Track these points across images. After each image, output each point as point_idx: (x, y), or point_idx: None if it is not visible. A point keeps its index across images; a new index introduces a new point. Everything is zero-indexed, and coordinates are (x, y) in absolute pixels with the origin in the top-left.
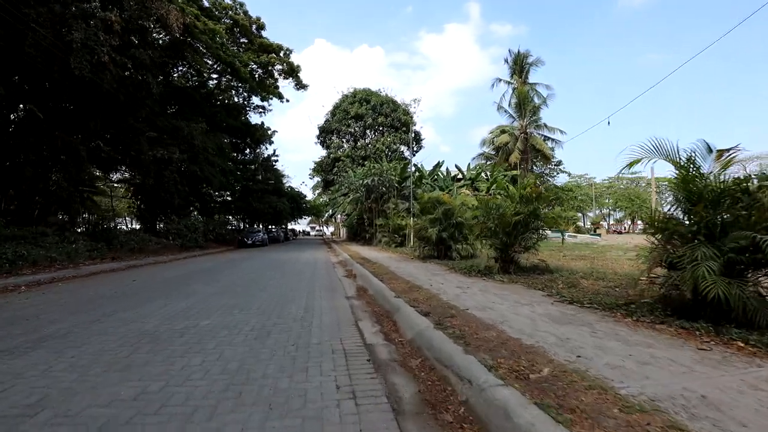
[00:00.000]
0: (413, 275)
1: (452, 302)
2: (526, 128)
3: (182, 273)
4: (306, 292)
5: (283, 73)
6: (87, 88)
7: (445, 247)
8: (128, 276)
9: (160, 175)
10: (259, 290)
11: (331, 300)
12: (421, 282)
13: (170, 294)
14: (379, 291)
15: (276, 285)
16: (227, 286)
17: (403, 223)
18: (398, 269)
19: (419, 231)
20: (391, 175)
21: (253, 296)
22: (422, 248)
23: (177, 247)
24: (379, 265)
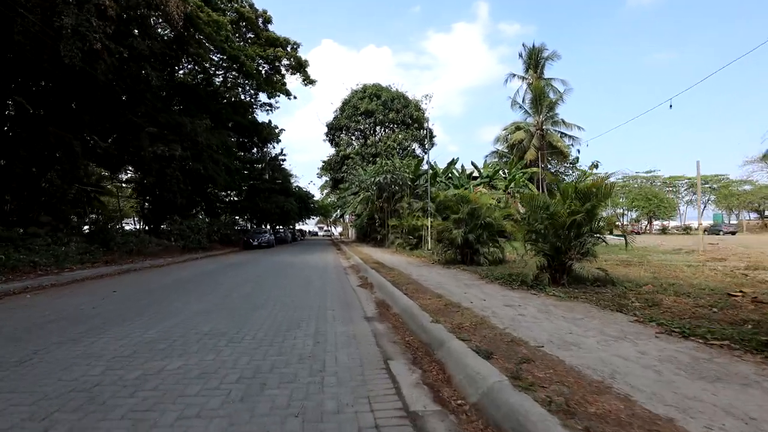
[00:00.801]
0: (442, 286)
1: (513, 332)
2: (542, 125)
3: (174, 280)
4: (315, 310)
5: (291, 69)
6: (80, 79)
7: (471, 250)
8: (112, 285)
9: (162, 173)
10: (258, 307)
11: (348, 323)
12: (456, 297)
13: (146, 312)
14: (406, 310)
15: (279, 299)
16: (220, 301)
17: (418, 224)
18: (421, 277)
19: (442, 232)
20: (404, 172)
21: (249, 317)
22: (444, 252)
23: (179, 248)
24: (397, 271)
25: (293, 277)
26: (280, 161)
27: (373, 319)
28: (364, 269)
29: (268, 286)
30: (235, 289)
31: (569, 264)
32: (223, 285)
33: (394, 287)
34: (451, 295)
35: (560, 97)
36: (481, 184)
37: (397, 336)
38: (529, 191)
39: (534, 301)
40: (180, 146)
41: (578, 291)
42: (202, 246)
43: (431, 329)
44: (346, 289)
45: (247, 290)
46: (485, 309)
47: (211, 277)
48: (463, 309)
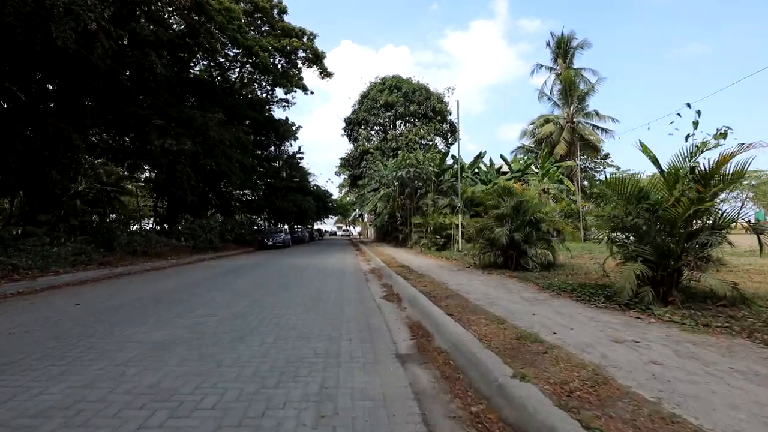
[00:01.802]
0: (495, 301)
1: (677, 409)
2: (573, 117)
3: (157, 290)
4: (325, 341)
5: (307, 61)
6: (78, 66)
7: (517, 252)
8: (85, 294)
9: (172, 169)
10: (245, 335)
11: (372, 367)
12: (524, 320)
13: (75, 348)
14: (459, 345)
15: (279, 320)
16: (196, 324)
17: (446, 222)
18: (461, 287)
19: (481, 231)
20: (428, 166)
21: (225, 356)
22: (481, 254)
23: (188, 249)
24: (429, 278)
25: (303, 286)
26: (298, 159)
27: (409, 358)
28: (387, 274)
29: (268, 300)
30: (224, 306)
31: (682, 274)
32: (211, 301)
33: (430, 303)
34: (515, 318)
35: (592, 88)
36: (512, 179)
37: (455, 400)
38: (564, 186)
39: (651, 333)
40: (191, 141)
41: (701, 313)
42: (213, 246)
43: (520, 397)
44: (368, 303)
45: (240, 307)
46: (586, 348)
47: (203, 286)
48: (550, 347)
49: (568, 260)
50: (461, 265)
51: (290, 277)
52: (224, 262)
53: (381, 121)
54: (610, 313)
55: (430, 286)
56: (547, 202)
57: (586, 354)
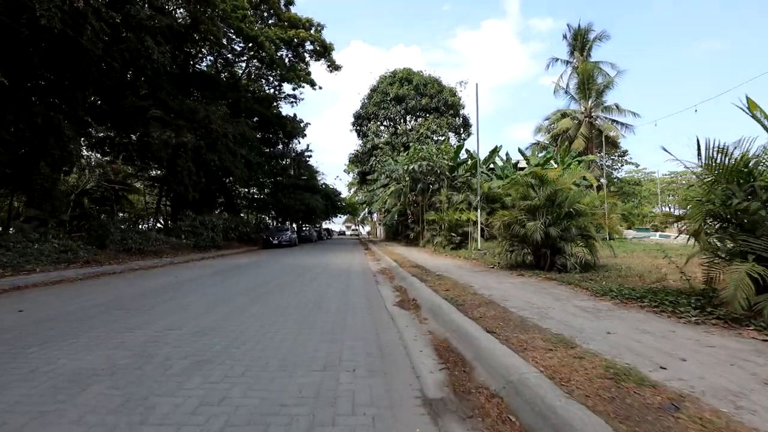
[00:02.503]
0: (547, 314)
1: None
2: (591, 111)
3: (129, 293)
4: (316, 379)
5: (315, 54)
6: (68, 50)
7: (551, 251)
8: (40, 298)
9: (173, 164)
10: (207, 363)
11: (386, 429)
12: (603, 344)
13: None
14: (522, 389)
15: (259, 340)
16: (148, 343)
17: (462, 218)
18: (494, 292)
19: (509, 226)
20: (442, 159)
21: (157, 405)
22: (508, 252)
23: (189, 247)
24: (450, 281)
25: (302, 289)
26: (306, 157)
27: (442, 407)
28: (400, 276)
29: (254, 309)
30: (197, 315)
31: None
32: (188, 305)
33: (459, 313)
34: (586, 339)
35: (611, 81)
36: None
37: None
38: (587, 182)
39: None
40: (193, 134)
41: None
42: (216, 244)
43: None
44: (378, 312)
45: (216, 317)
46: (737, 400)
47: (185, 289)
48: (676, 397)
49: (610, 260)
50: (483, 265)
51: (289, 278)
52: (223, 261)
53: (391, 115)
54: (719, 333)
55: (454, 291)
56: (587, 192)
57: (754, 417)
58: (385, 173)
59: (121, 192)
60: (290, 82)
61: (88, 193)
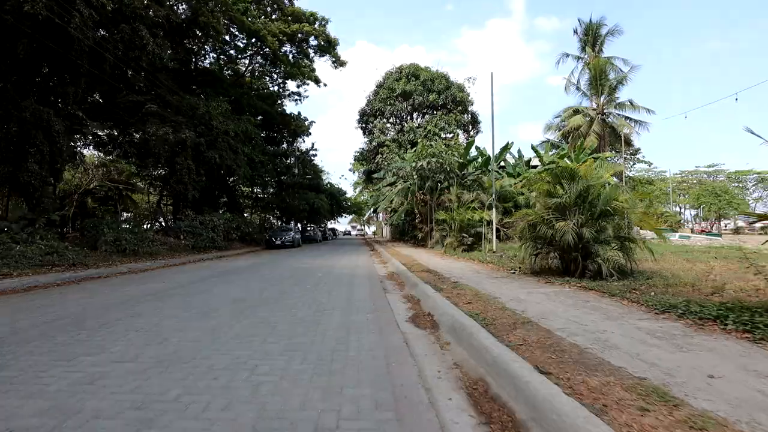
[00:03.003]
0: (607, 341)
1: None
2: (603, 108)
3: (96, 305)
4: None
5: (319, 50)
6: (56, 40)
7: (582, 254)
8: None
9: (172, 162)
10: (156, 420)
11: None
12: (719, 400)
13: None
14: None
15: (227, 383)
16: (62, 392)
17: (475, 218)
18: (527, 307)
19: (534, 227)
20: (452, 156)
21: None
22: (532, 255)
23: (188, 248)
24: (470, 290)
25: (299, 300)
26: (311, 156)
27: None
28: (411, 282)
29: (235, 329)
30: (159, 340)
31: None
32: (156, 324)
33: (493, 339)
34: (696, 392)
35: (625, 76)
36: (544, 171)
37: None
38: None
39: None
40: (194, 132)
41: None
42: (216, 245)
43: None
44: (387, 332)
45: (178, 343)
46: None
47: (158, 301)
48: None
49: (646, 264)
50: (501, 269)
51: (286, 285)
52: (220, 264)
53: (397, 111)
54: None
55: (478, 304)
56: (624, 188)
57: None
58: (392, 171)
59: (125, 191)
60: (294, 79)
61: (92, 193)
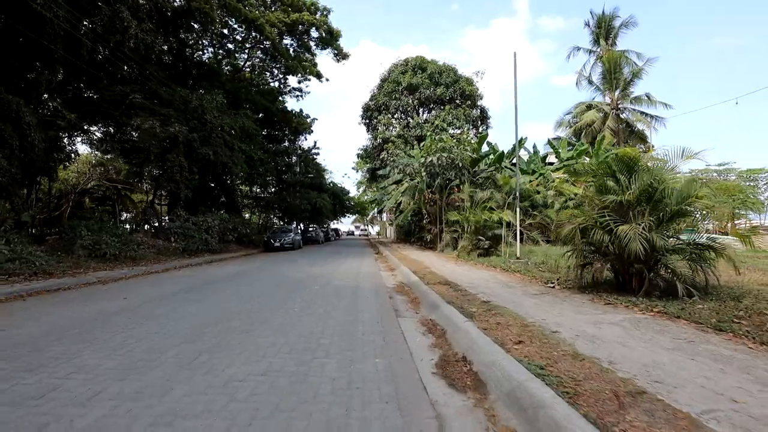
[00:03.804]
0: None
1: None
2: (618, 102)
3: (8, 340)
4: None
5: (321, 43)
6: (20, 19)
7: (648, 265)
8: None
9: (163, 158)
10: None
11: None
12: None
13: None
14: None
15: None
16: None
17: (492, 219)
18: (613, 352)
19: (585, 232)
20: (464, 150)
21: None
22: (578, 268)
23: (178, 251)
24: (511, 315)
25: (282, 329)
26: (313, 155)
27: None
28: (428, 300)
29: (175, 392)
30: (37, 424)
31: None
32: (56, 387)
33: (591, 429)
34: None
35: (641, 70)
36: (562, 168)
37: None
38: None
39: None
40: (186, 126)
41: None
42: (210, 248)
43: None
44: (410, 398)
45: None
46: None
47: (106, 326)
48: None
49: (725, 276)
50: (532, 280)
51: (274, 300)
52: (207, 271)
53: (403, 105)
54: None
55: (534, 344)
56: (703, 181)
57: None
58: (399, 167)
59: (124, 191)
60: (295, 74)
61: (89, 192)
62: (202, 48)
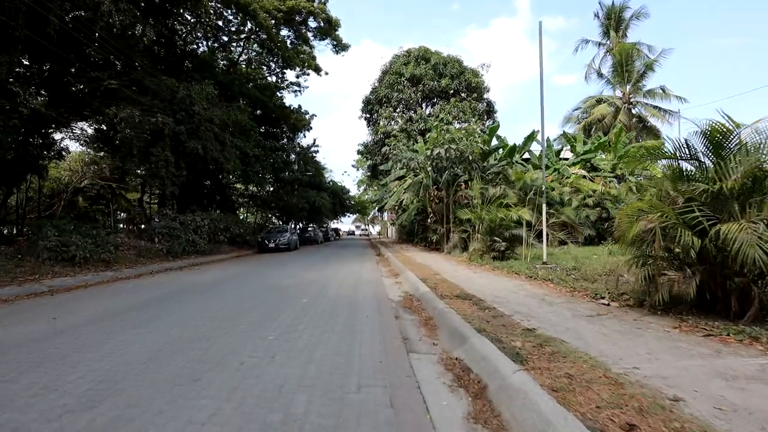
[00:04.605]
0: None
1: None
2: (630, 96)
3: None
4: None
5: (319, 33)
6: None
7: (752, 278)
8: None
9: (147, 153)
10: None
11: None
12: None
13: None
14: None
15: None
16: None
17: (511, 217)
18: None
19: (665, 232)
20: (474, 142)
21: None
22: (646, 280)
23: (162, 253)
24: (592, 366)
25: (255, 367)
26: (313, 153)
27: None
28: (448, 324)
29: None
30: None
31: None
32: None
33: None
34: None
35: (654, 62)
36: (579, 163)
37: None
38: (648, 172)
39: None
40: (172, 117)
41: None
42: (198, 249)
43: None
44: None
45: None
46: None
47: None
48: None
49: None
50: (575, 293)
51: (242, 325)
52: (184, 277)
53: (406, 98)
54: None
55: (627, 414)
56: None
57: None
58: (402, 161)
59: (119, 190)
60: (293, 68)
61: (83, 191)
62: (195, 41)
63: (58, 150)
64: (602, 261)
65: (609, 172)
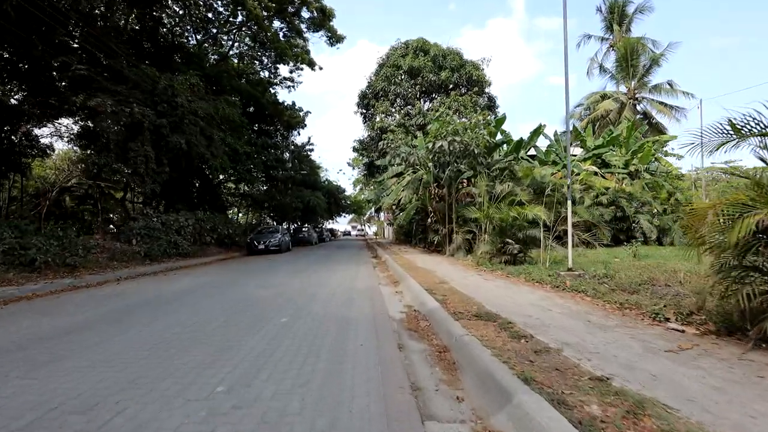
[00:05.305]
0: None
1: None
2: (635, 92)
3: None
4: None
5: (313, 24)
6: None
7: None
8: None
9: (125, 147)
10: None
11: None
12: None
13: None
14: None
15: None
16: None
17: (525, 216)
18: None
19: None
20: (479, 134)
21: None
22: (735, 297)
23: (140, 256)
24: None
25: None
26: (307, 151)
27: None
28: (477, 366)
29: None
30: None
31: None
32: None
33: None
34: None
35: (661, 56)
36: (590, 159)
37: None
38: (663, 167)
39: None
40: (153, 109)
41: None
42: (181, 251)
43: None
44: None
45: None
46: None
47: None
48: None
49: None
50: (624, 312)
51: (188, 364)
52: (152, 284)
53: (403, 91)
54: None
55: None
56: None
57: None
58: (401, 155)
59: (107, 189)
60: (286, 62)
61: (70, 190)
62: (184, 33)
63: (41, 147)
64: (626, 264)
65: (622, 168)
